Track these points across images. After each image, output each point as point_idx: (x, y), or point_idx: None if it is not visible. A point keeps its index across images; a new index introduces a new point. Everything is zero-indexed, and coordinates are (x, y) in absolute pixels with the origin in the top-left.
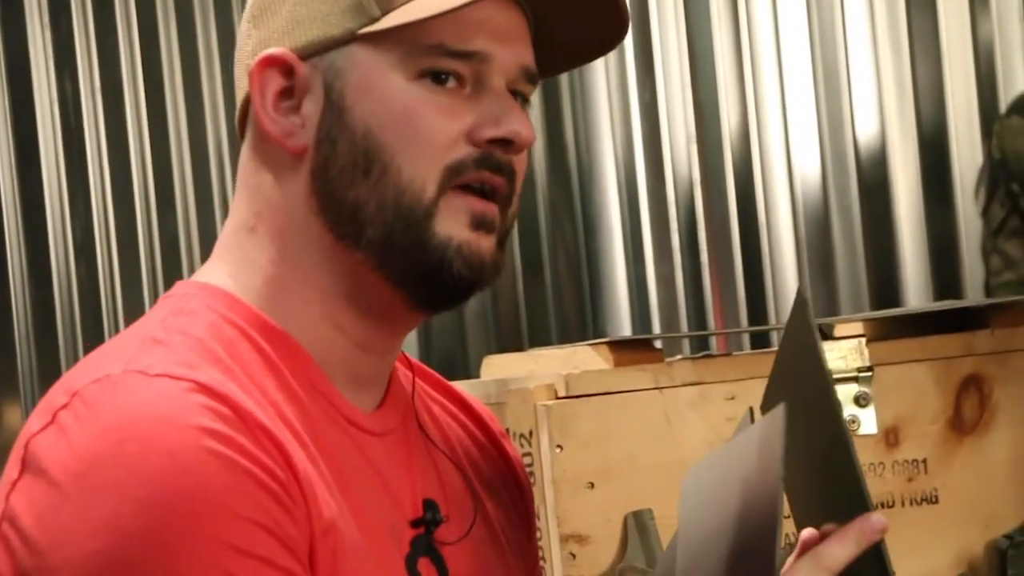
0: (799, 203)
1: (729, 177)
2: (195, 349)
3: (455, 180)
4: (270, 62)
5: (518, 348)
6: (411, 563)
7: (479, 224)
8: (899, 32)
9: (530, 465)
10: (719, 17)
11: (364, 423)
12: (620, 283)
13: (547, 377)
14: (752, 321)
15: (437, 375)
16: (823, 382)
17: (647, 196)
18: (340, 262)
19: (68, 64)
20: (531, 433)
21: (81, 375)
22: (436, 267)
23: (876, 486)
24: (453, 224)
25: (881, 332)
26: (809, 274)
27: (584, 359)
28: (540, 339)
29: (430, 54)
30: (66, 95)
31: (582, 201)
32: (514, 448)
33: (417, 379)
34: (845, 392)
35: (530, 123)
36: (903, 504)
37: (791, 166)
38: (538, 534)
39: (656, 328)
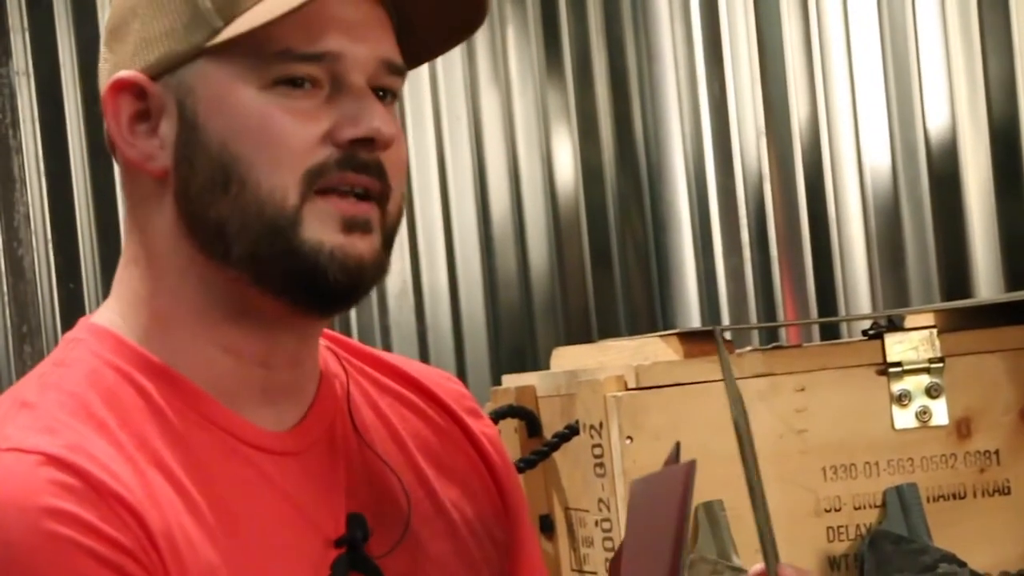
0: (869, 196)
1: (799, 170)
2: (65, 406)
3: (318, 184)
4: (120, 86)
5: (587, 340)
6: None
7: (351, 226)
8: (970, 24)
9: (600, 456)
10: (789, 10)
11: (272, 445)
12: (689, 276)
13: (617, 369)
14: (822, 313)
15: (392, 361)
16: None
17: (716, 190)
18: (217, 282)
19: None
20: (601, 425)
21: None
22: (311, 274)
23: (947, 477)
24: (322, 229)
25: (952, 323)
26: (879, 266)
27: (654, 351)
28: (609, 331)
29: (279, 60)
30: None
31: (651, 195)
32: (485, 425)
33: (361, 367)
34: (916, 383)
35: (392, 118)
36: (975, 495)
37: (861, 159)
38: (608, 524)
39: (725, 321)
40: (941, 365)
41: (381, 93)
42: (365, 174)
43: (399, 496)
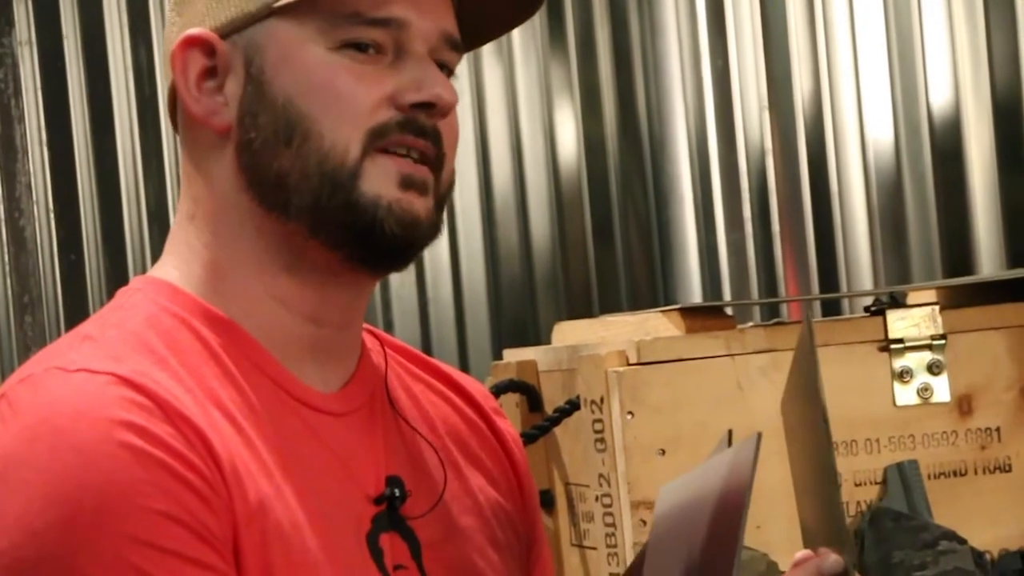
0: (872, 171)
1: (801, 145)
2: (127, 342)
3: (379, 143)
4: (191, 42)
5: (588, 314)
6: (372, 539)
7: (408, 184)
8: None
9: (601, 431)
10: None
11: (319, 403)
12: (691, 251)
13: (619, 344)
14: (824, 289)
15: (425, 357)
16: (823, 426)
17: (719, 164)
18: (274, 235)
19: (143, 32)
20: (602, 400)
21: (14, 375)
22: (368, 226)
23: (949, 454)
24: (381, 183)
25: (954, 300)
26: (881, 242)
27: (656, 326)
28: (610, 306)
29: (348, 23)
30: (140, 63)
31: (653, 169)
32: (509, 425)
33: (396, 357)
34: (918, 360)
35: (452, 87)
36: (976, 472)
37: (864, 134)
38: (608, 500)
39: (727, 297)
40: (943, 342)
41: (439, 66)
42: (423, 138)
43: (433, 467)
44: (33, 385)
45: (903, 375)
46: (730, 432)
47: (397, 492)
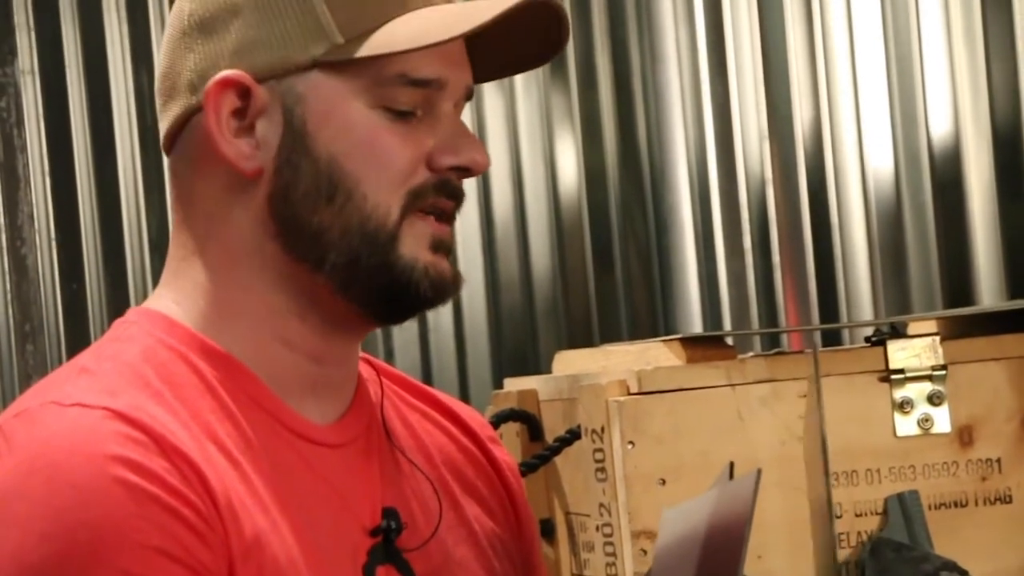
0: (872, 201)
1: (802, 175)
2: (123, 375)
3: (416, 204)
4: (228, 84)
5: (589, 344)
6: (369, 571)
7: (439, 246)
8: (974, 29)
9: (601, 461)
10: (792, 14)
11: (316, 436)
12: (691, 280)
13: (619, 373)
14: (824, 319)
15: (421, 385)
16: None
17: (719, 193)
18: (297, 284)
19: (145, 62)
20: (603, 429)
21: (10, 409)
22: (403, 288)
23: (949, 485)
24: (416, 246)
25: (955, 330)
26: (882, 272)
27: (656, 355)
28: (611, 335)
29: (393, 83)
30: (143, 93)
31: (654, 198)
32: (505, 454)
33: (392, 387)
34: (918, 390)
35: (485, 149)
36: (976, 504)
37: (864, 164)
38: (608, 529)
39: (727, 326)
40: (944, 372)
41: None
42: (452, 200)
43: (429, 498)
44: (29, 419)
45: (903, 405)
46: (731, 464)
47: (393, 524)
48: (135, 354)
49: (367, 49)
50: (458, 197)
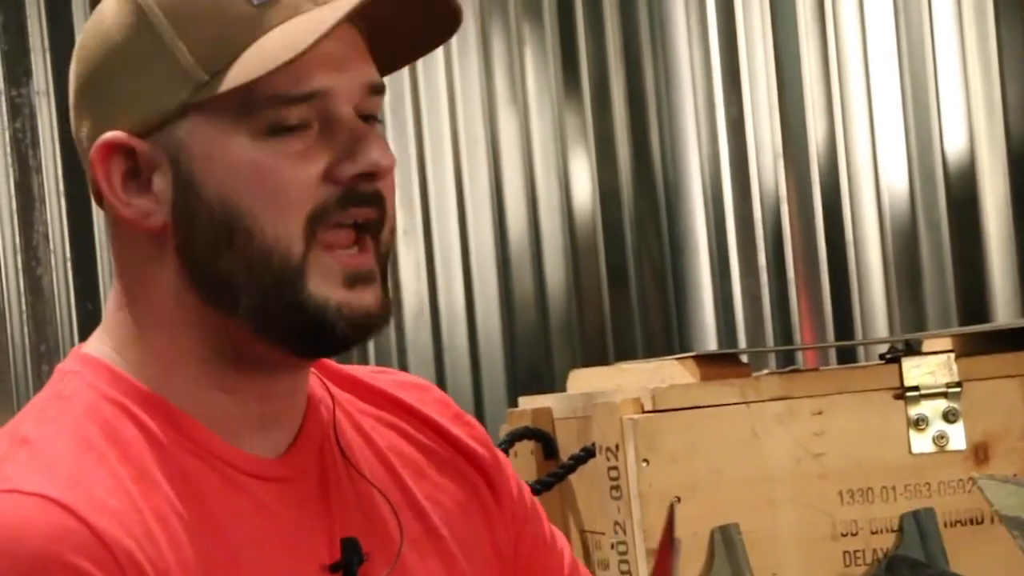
0: (887, 219)
1: (816, 193)
2: (65, 440)
3: (322, 223)
4: (109, 148)
5: (603, 362)
6: None
7: (354, 280)
8: (988, 47)
9: (616, 479)
10: (806, 32)
11: (266, 472)
12: (706, 299)
13: (634, 391)
14: (839, 337)
15: (371, 382)
16: None
17: (733, 212)
18: (221, 331)
19: None
20: (617, 447)
21: None
22: (318, 329)
23: (964, 502)
24: (326, 284)
25: (970, 348)
26: (896, 289)
27: (671, 373)
28: (625, 354)
29: (268, 107)
30: None
31: (668, 216)
32: (474, 428)
33: (343, 395)
34: (933, 407)
35: (386, 145)
36: (992, 521)
37: (879, 182)
38: (623, 547)
39: (742, 344)
40: (959, 390)
41: (364, 118)
42: (367, 206)
43: (389, 519)
44: None
45: (919, 423)
46: None
47: (355, 558)
48: (78, 413)
49: (228, 82)
50: (374, 202)
